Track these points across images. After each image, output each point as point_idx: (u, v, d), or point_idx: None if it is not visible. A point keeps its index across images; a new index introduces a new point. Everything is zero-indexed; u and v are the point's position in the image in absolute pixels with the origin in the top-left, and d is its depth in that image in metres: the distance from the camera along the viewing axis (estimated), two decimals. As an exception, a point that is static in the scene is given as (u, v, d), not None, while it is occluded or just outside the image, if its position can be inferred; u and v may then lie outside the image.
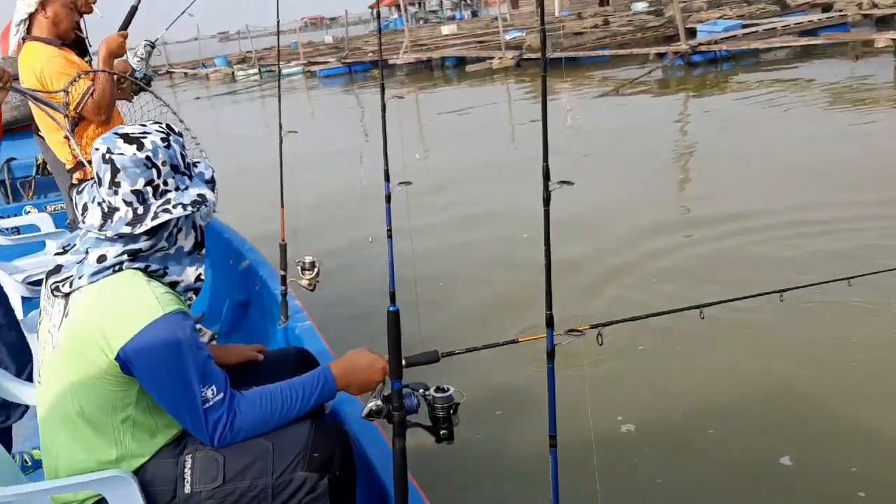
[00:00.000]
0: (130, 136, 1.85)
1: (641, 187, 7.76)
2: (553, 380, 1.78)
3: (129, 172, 1.82)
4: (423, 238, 6.05)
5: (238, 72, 35.06)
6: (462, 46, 28.07)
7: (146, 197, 1.84)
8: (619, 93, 14.92)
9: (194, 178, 1.94)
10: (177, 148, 1.90)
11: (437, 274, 5.58)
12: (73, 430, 1.85)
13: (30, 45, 3.56)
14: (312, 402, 1.97)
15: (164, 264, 1.91)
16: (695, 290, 4.93)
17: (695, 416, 3.58)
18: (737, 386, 3.84)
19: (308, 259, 3.31)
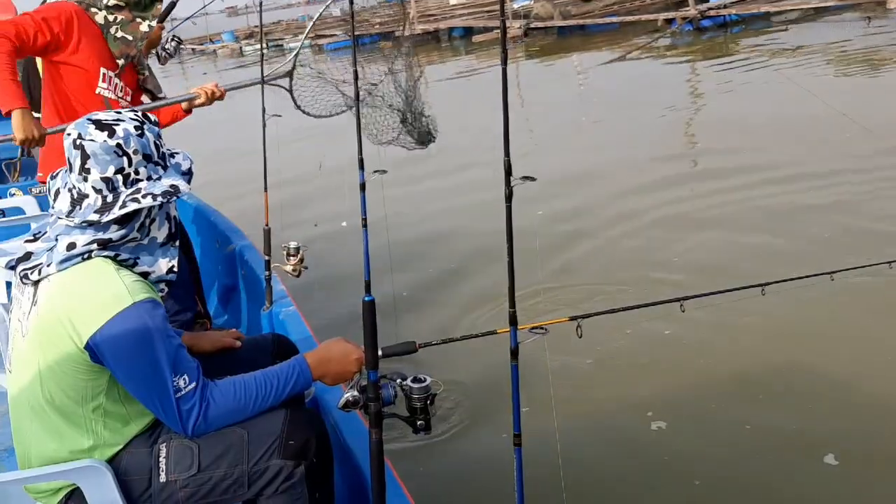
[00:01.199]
0: (103, 123, 1.82)
1: (642, 154, 7.68)
2: (517, 378, 1.76)
3: (100, 159, 1.80)
4: (402, 227, 6.03)
5: (245, 47, 34.96)
6: (469, 16, 27.77)
7: (116, 185, 1.81)
8: (626, 59, 14.75)
9: (169, 169, 1.90)
10: (150, 137, 1.86)
11: (417, 262, 5.52)
12: (45, 419, 1.84)
13: None
14: (287, 393, 1.96)
15: (136, 254, 1.88)
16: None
17: (721, 408, 3.45)
18: (757, 374, 3.67)
19: (293, 244, 3.29)
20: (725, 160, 7.10)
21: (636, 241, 5.59)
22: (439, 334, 3.47)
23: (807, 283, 2.59)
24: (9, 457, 2.08)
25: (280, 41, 34.37)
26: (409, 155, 3.64)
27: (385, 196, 2.78)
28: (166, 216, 1.94)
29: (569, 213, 6.22)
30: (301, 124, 3.95)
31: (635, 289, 4.65)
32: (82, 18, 3.12)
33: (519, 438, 1.77)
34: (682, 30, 17.20)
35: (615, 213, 6.16)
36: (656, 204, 6.22)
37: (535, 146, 8.49)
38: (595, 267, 5.21)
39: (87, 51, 3.13)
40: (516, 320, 1.73)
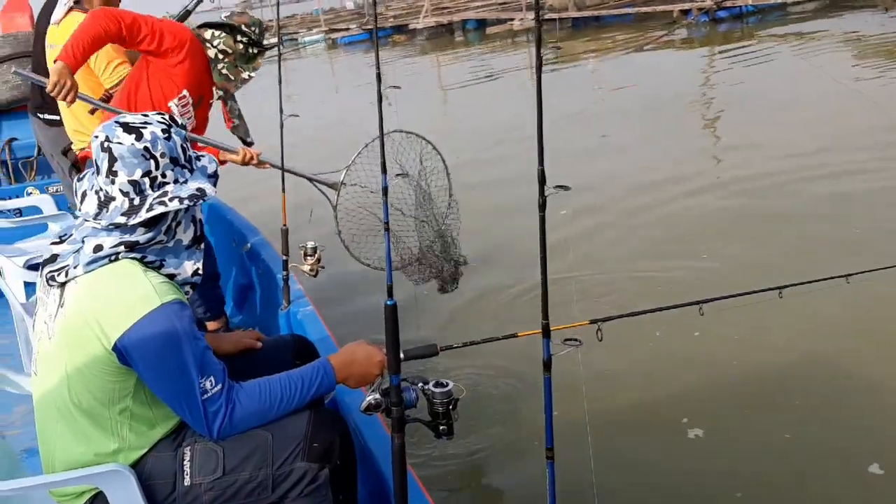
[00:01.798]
0: (130, 126, 1.82)
1: (662, 148, 7.62)
2: (549, 390, 1.72)
3: (127, 162, 1.80)
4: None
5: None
6: (483, 8, 27.68)
7: (143, 188, 1.81)
8: (642, 50, 14.65)
9: (195, 172, 1.91)
10: (178, 140, 1.86)
11: None
12: (70, 422, 1.83)
13: (76, 17, 3.54)
14: (311, 395, 1.96)
15: (162, 256, 1.88)
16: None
17: (753, 417, 3.33)
18: (802, 378, 3.53)
19: (310, 244, 3.29)
20: (748, 153, 7.02)
21: (661, 232, 5.52)
22: (461, 336, 3.42)
23: (845, 282, 2.49)
24: (29, 458, 2.09)
25: (295, 35, 34.39)
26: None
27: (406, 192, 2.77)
28: (192, 219, 1.94)
29: (590, 207, 6.15)
30: (318, 123, 3.92)
31: (664, 285, 4.59)
32: (195, 45, 3.34)
33: (552, 452, 1.74)
34: (698, 21, 17.06)
35: (637, 206, 6.10)
36: (677, 196, 6.17)
37: (555, 143, 8.41)
38: (621, 258, 5.14)
39: (186, 71, 3.30)
40: (549, 332, 1.69)
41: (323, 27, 33.95)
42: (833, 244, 4.85)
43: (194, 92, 3.36)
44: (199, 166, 1.93)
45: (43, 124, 4.19)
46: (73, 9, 3.59)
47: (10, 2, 6.58)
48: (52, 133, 4.16)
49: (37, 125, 4.22)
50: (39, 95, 4.16)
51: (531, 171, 1.59)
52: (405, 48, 24.78)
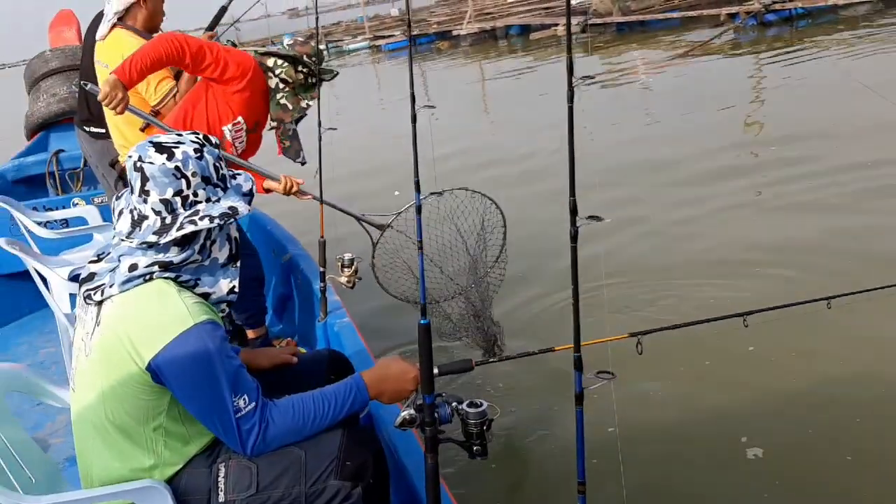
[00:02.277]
0: (163, 146, 1.85)
1: (711, 159, 7.47)
2: (581, 424, 1.69)
3: (158, 181, 1.82)
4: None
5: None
6: (527, 14, 27.62)
7: (175, 207, 1.83)
8: (688, 56, 14.46)
9: (229, 190, 1.92)
10: (210, 159, 1.88)
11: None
12: (107, 438, 1.86)
13: (118, 33, 3.60)
14: (345, 412, 1.96)
15: (197, 275, 1.90)
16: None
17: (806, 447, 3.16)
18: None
19: (347, 256, 3.31)
20: (795, 164, 6.85)
21: (708, 238, 5.44)
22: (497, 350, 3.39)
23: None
24: (71, 466, 2.13)
25: (339, 42, 34.70)
26: (461, 165, 3.47)
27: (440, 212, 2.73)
28: (227, 237, 1.96)
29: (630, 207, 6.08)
30: (357, 136, 3.94)
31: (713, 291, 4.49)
32: (258, 74, 3.40)
33: (583, 487, 1.72)
34: (746, 24, 16.78)
35: (681, 213, 6.02)
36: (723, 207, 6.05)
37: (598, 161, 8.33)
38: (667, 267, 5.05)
39: (245, 99, 3.37)
40: (581, 365, 1.68)
41: (367, 34, 34.21)
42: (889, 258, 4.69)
43: (250, 119, 3.44)
44: (233, 185, 1.94)
45: (89, 137, 4.27)
46: (116, 25, 3.64)
47: (58, 16, 6.76)
48: (99, 146, 4.23)
49: (83, 138, 4.30)
50: (87, 109, 4.25)
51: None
52: (450, 55, 24.86)
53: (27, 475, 1.93)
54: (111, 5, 3.63)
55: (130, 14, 3.65)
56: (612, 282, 4.69)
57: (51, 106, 6.45)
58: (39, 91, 6.53)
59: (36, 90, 6.57)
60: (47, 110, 6.50)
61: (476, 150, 9.52)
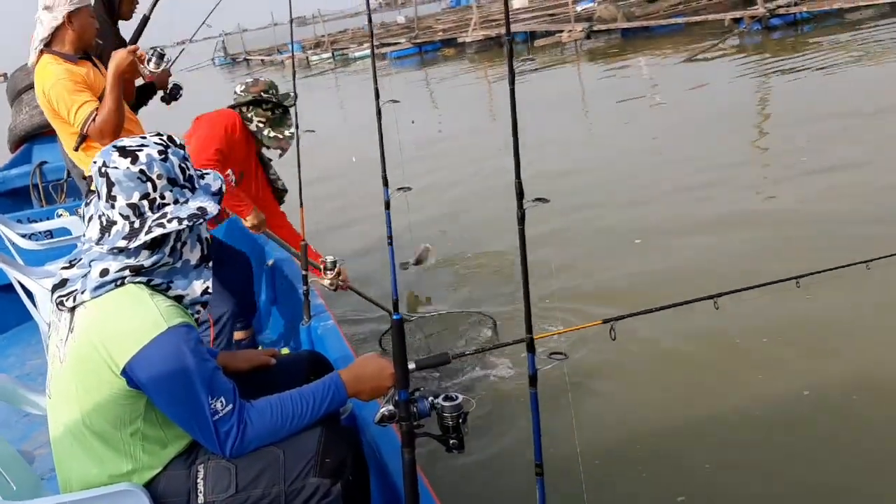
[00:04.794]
0: (126, 150, 1.84)
1: (716, 166, 7.44)
2: (536, 405, 1.71)
3: (124, 186, 1.82)
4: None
5: (312, 56, 35.39)
6: (532, 20, 27.66)
7: (142, 211, 1.83)
8: (692, 61, 14.43)
9: (198, 191, 1.91)
10: (175, 160, 1.87)
11: (441, 275, 5.44)
12: (84, 443, 1.86)
13: (44, 60, 3.48)
14: (323, 410, 1.96)
15: (169, 278, 1.90)
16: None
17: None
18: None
19: (330, 259, 3.32)
20: (794, 166, 6.84)
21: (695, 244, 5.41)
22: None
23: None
24: (54, 478, 2.13)
25: (345, 50, 34.82)
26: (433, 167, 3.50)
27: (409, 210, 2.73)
28: (197, 238, 1.95)
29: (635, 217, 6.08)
30: (332, 135, 4.04)
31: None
32: (241, 125, 3.84)
33: (541, 468, 1.72)
34: (751, 29, 16.74)
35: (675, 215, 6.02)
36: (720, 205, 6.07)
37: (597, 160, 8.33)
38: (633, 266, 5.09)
39: (234, 155, 3.75)
40: (534, 346, 1.70)
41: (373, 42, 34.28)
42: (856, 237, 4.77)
43: (237, 169, 3.75)
44: (202, 185, 1.94)
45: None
46: (43, 51, 3.50)
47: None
48: None
49: (63, 148, 4.29)
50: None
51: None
52: (455, 61, 24.94)
53: (8, 483, 1.94)
54: (37, 31, 3.50)
55: (57, 38, 3.50)
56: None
57: (33, 118, 6.46)
58: (22, 103, 6.54)
59: (18, 102, 6.58)
60: (30, 122, 6.52)
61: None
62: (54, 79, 3.40)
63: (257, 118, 3.85)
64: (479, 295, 4.96)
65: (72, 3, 3.46)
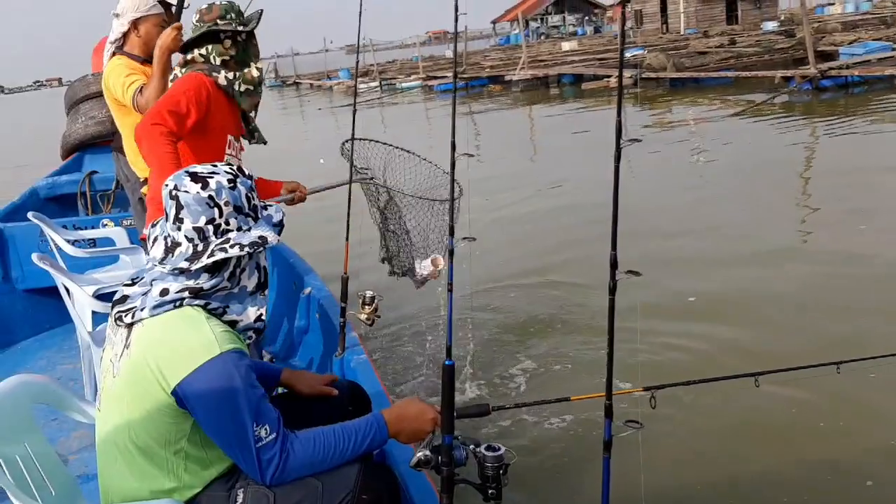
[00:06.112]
0: (198, 175, 1.91)
1: (756, 222, 7.40)
2: (608, 471, 1.71)
3: (192, 210, 1.88)
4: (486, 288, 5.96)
5: (360, 84, 35.77)
6: (580, 63, 27.78)
7: (207, 235, 1.89)
8: (739, 116, 14.36)
9: (260, 220, 1.98)
10: (242, 190, 1.94)
11: (498, 325, 5.41)
12: (129, 458, 1.90)
13: (113, 61, 3.71)
14: (364, 448, 1.98)
15: (226, 303, 1.95)
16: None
17: None
18: None
19: (369, 294, 3.33)
20: (842, 234, 6.73)
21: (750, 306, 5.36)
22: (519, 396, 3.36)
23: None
24: (83, 483, 2.16)
25: (393, 80, 35.26)
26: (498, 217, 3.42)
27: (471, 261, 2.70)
28: (256, 266, 2.01)
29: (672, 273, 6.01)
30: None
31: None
32: (213, 86, 3.13)
33: None
34: (801, 88, 16.61)
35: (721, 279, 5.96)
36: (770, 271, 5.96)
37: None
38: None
39: (219, 119, 3.15)
40: (612, 413, 1.69)
41: (421, 74, 34.69)
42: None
43: (233, 129, 3.26)
44: (264, 215, 2.00)
45: (125, 161, 4.35)
46: (115, 53, 3.75)
47: (102, 42, 6.99)
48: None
49: (120, 161, 4.37)
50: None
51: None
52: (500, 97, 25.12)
53: (48, 488, 1.97)
54: (110, 36, 3.77)
55: (126, 43, 3.78)
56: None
57: (88, 128, 6.60)
58: (78, 113, 6.68)
59: (75, 111, 6.72)
60: (84, 132, 6.65)
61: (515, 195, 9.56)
62: (111, 67, 3.64)
63: (219, 60, 3.16)
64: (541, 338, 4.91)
65: (138, 11, 3.72)
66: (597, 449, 1.74)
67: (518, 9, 65.06)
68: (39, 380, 2.17)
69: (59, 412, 2.23)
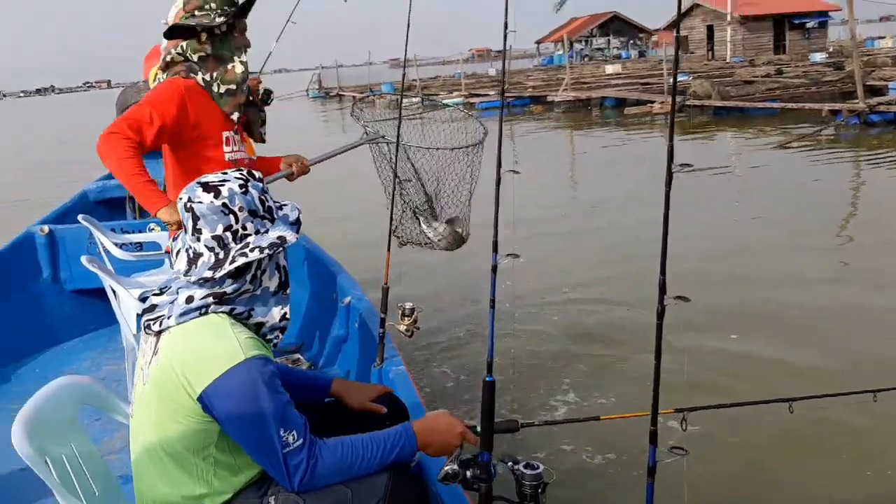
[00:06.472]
0: (209, 185, 1.94)
1: (798, 255, 7.30)
2: (652, 498, 1.69)
3: (209, 219, 1.91)
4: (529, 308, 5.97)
5: (402, 99, 35.96)
6: (623, 88, 27.70)
7: (226, 242, 1.91)
8: (784, 147, 14.19)
9: (277, 221, 1.99)
10: (255, 193, 1.96)
11: (539, 344, 5.41)
12: (160, 463, 1.92)
13: (159, 75, 3.71)
14: (392, 458, 1.98)
15: (250, 306, 1.97)
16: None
17: None
18: None
19: (408, 305, 3.33)
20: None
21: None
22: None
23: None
24: (124, 484, 2.19)
25: (435, 96, 35.45)
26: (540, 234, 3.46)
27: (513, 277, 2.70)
28: (276, 266, 2.02)
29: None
30: None
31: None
32: (192, 89, 2.95)
33: None
34: (848, 122, 16.38)
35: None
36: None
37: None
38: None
39: (207, 122, 2.99)
40: (656, 439, 1.67)
41: (463, 91, 34.85)
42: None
43: (228, 125, 3.06)
44: (280, 215, 2.01)
45: None
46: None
47: (153, 51, 7.14)
48: None
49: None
50: None
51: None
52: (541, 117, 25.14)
53: (92, 488, 1.99)
54: (163, 44, 3.69)
55: None
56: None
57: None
58: None
59: None
60: None
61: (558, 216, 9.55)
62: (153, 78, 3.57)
63: (196, 55, 2.94)
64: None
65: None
66: (632, 470, 1.73)
67: (563, 30, 65.09)
68: (85, 381, 2.20)
69: (103, 413, 2.26)
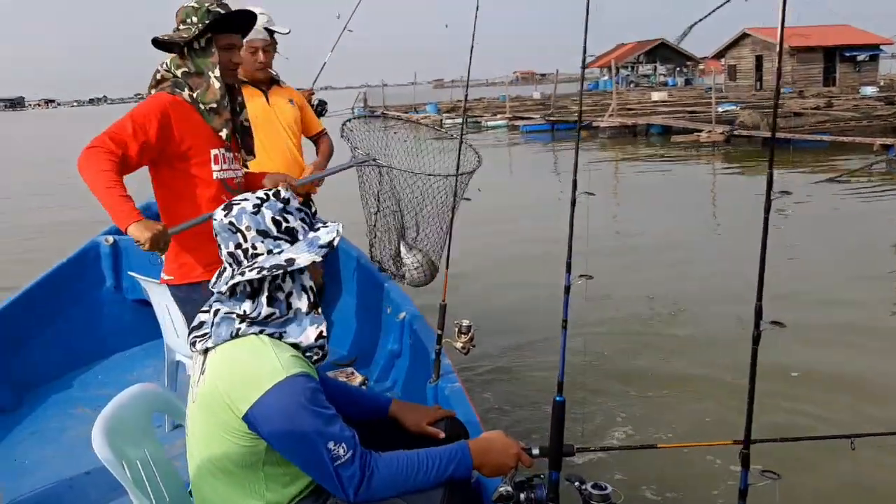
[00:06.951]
0: (230, 203, 1.99)
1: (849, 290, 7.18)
2: None
3: (222, 237, 1.97)
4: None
5: (446, 119, 36.33)
6: (670, 115, 27.56)
7: (239, 259, 1.95)
8: (834, 181, 13.97)
9: (300, 242, 1.97)
10: (267, 213, 1.95)
11: (603, 362, 5.40)
12: (212, 479, 1.95)
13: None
14: (447, 475, 1.96)
15: (283, 328, 1.97)
16: None
17: None
18: None
19: (465, 322, 3.32)
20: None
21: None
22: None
23: None
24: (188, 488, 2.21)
25: (479, 118, 35.61)
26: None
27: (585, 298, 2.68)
28: (302, 287, 2.01)
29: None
30: (485, 214, 4.10)
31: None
32: (177, 105, 2.82)
33: None
34: (901, 157, 16.06)
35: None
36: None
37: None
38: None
39: (192, 139, 2.84)
40: (748, 463, 1.66)
41: (507, 113, 34.97)
42: None
43: (216, 142, 2.91)
44: (308, 237, 1.99)
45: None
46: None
47: None
48: None
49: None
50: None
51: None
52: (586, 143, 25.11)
53: (163, 493, 2.03)
54: None
55: None
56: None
57: None
58: None
59: None
60: None
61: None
62: None
63: (179, 71, 2.83)
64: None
65: None
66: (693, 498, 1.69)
67: (611, 55, 65.10)
68: (157, 389, 2.25)
69: (162, 418, 2.29)
